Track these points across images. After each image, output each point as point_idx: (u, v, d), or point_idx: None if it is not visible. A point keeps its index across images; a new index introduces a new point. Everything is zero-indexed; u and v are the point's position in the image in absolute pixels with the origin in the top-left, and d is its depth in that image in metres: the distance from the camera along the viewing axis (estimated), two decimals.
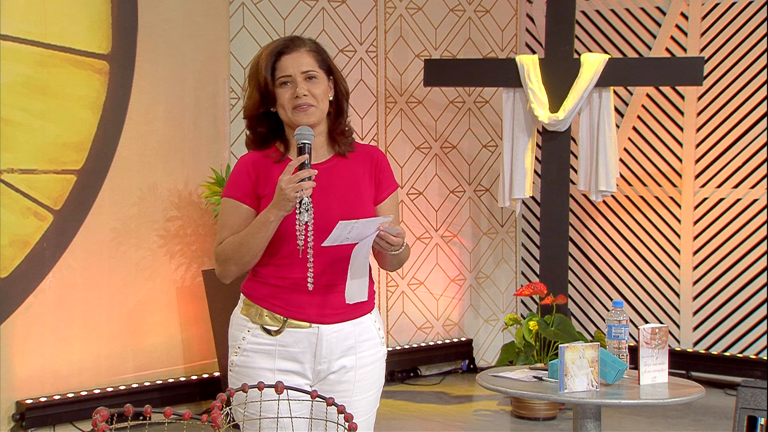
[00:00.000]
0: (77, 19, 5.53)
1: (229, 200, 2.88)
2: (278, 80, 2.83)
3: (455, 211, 7.23)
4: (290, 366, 2.84)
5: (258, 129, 2.89)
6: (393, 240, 2.77)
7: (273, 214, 2.75)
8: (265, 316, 2.85)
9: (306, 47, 2.86)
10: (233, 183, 2.89)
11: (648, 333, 3.65)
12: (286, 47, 2.84)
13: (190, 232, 5.99)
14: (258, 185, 2.85)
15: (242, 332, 2.88)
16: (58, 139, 5.48)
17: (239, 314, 2.91)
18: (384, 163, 2.97)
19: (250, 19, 6.30)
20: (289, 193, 2.69)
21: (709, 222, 6.81)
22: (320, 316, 2.84)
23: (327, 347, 2.84)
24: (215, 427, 2.10)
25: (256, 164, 2.88)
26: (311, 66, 2.84)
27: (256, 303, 2.87)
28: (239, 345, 2.87)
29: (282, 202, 2.72)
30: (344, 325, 2.86)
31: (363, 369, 2.89)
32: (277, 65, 2.84)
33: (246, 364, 2.86)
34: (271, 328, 2.84)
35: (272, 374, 2.82)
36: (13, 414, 5.31)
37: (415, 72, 6.95)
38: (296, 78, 2.82)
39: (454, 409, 6.26)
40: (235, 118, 6.21)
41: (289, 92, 2.83)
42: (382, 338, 2.95)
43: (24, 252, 5.36)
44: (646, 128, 6.99)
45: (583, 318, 7.21)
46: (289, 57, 2.83)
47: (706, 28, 6.79)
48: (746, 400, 4.12)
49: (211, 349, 5.94)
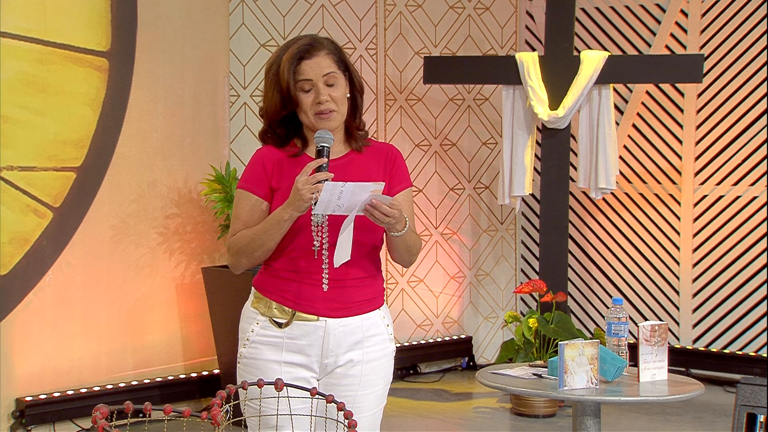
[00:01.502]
0: (77, 16, 5.53)
1: (244, 192, 2.92)
2: (299, 84, 2.85)
3: (455, 209, 7.23)
4: (297, 359, 2.87)
5: (278, 130, 2.93)
6: (386, 210, 2.75)
7: (287, 213, 2.78)
8: (274, 308, 2.88)
9: (325, 50, 2.88)
10: (248, 175, 2.93)
11: (647, 330, 3.65)
12: (307, 52, 2.86)
13: (189, 229, 5.99)
14: (273, 178, 2.89)
15: (251, 324, 2.91)
16: (58, 137, 5.48)
17: (249, 307, 2.94)
18: (399, 160, 2.99)
19: (250, 17, 6.30)
20: (304, 194, 2.72)
21: (708, 219, 6.81)
22: (329, 309, 2.86)
23: (334, 341, 2.87)
24: (215, 425, 2.10)
25: (272, 158, 2.92)
26: (331, 69, 2.86)
27: (266, 296, 2.90)
28: (248, 337, 2.91)
29: (297, 202, 2.75)
30: (352, 319, 2.89)
31: (370, 364, 2.91)
32: (297, 69, 2.85)
33: (254, 356, 2.89)
34: (279, 321, 2.87)
35: (279, 366, 2.85)
36: (12, 411, 5.31)
37: (414, 69, 6.94)
38: (317, 83, 2.85)
39: (454, 407, 6.27)
40: (234, 116, 6.21)
41: (310, 97, 2.86)
42: (390, 335, 2.97)
43: (24, 249, 5.36)
44: (646, 125, 6.98)
45: (583, 315, 7.21)
46: (310, 62, 2.85)
47: (705, 25, 6.78)
48: (746, 397, 4.13)
49: (210, 347, 5.94)
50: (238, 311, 2.99)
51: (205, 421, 2.12)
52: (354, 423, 2.29)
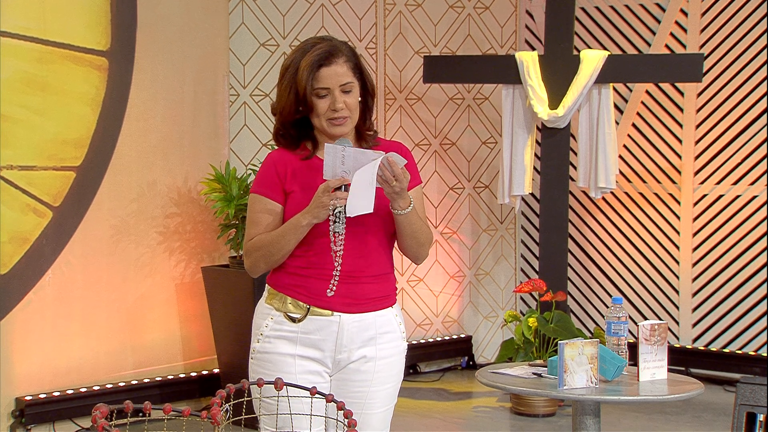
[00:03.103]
0: (76, 15, 5.53)
1: (257, 196, 2.96)
2: (315, 91, 2.88)
3: (455, 208, 7.23)
4: (311, 353, 2.90)
5: (290, 131, 2.95)
6: (397, 172, 2.78)
7: (306, 219, 2.83)
8: (289, 303, 2.91)
9: (344, 57, 2.90)
10: (261, 179, 2.96)
11: (647, 330, 3.65)
12: (326, 59, 2.88)
13: (189, 228, 5.99)
14: (286, 182, 2.92)
15: (265, 320, 2.94)
16: (58, 136, 5.48)
17: (264, 303, 2.97)
18: (408, 158, 2.99)
19: (249, 16, 6.29)
20: (325, 201, 2.78)
21: (708, 219, 6.81)
22: (343, 305, 2.89)
23: (348, 336, 2.90)
24: (215, 424, 2.10)
25: (284, 161, 2.95)
26: (348, 77, 2.89)
27: (281, 291, 2.93)
28: (261, 332, 2.93)
29: (317, 209, 2.81)
30: (366, 315, 2.92)
31: (382, 361, 2.94)
32: (316, 76, 2.87)
33: (267, 350, 2.92)
34: (294, 315, 2.90)
35: (293, 359, 2.89)
36: (12, 410, 5.31)
37: (414, 69, 6.94)
38: (334, 91, 2.88)
39: (454, 406, 6.27)
40: (234, 115, 6.21)
41: (326, 103, 2.88)
42: (402, 333, 3.01)
43: (23, 249, 5.36)
44: (646, 125, 6.98)
45: (583, 315, 7.21)
46: (328, 70, 2.87)
47: (705, 24, 6.78)
48: (745, 396, 4.13)
49: (210, 346, 5.94)
50: (238, 310, 3.01)
51: (204, 420, 2.12)
52: (354, 423, 2.29)
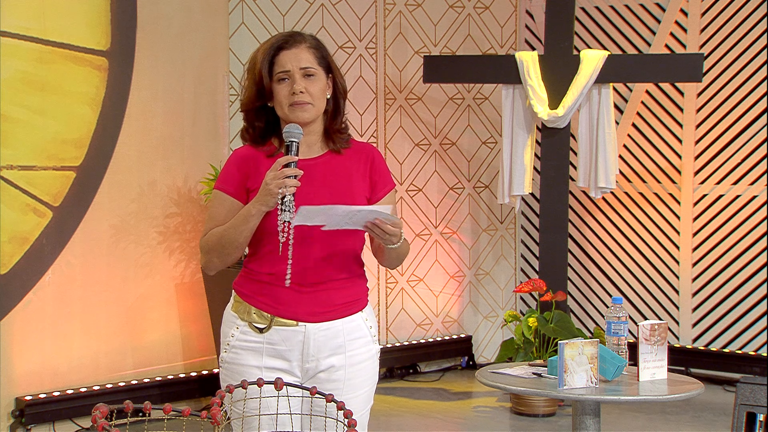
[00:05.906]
0: (76, 15, 5.53)
1: (218, 193, 2.88)
2: (276, 76, 2.81)
3: (454, 208, 7.23)
4: (278, 364, 2.82)
5: (256, 124, 2.87)
6: (389, 229, 2.73)
7: (255, 208, 2.74)
8: (253, 313, 2.83)
9: (306, 43, 2.83)
10: (224, 176, 2.89)
11: (647, 329, 3.65)
12: (286, 42, 2.82)
13: (189, 228, 5.99)
14: (248, 179, 2.84)
15: (231, 329, 2.87)
16: (58, 136, 5.48)
17: (230, 311, 2.90)
18: (380, 162, 2.93)
19: (249, 16, 6.29)
20: (272, 189, 2.69)
21: (708, 219, 6.81)
22: (309, 314, 2.81)
23: (315, 346, 2.82)
24: (215, 424, 2.10)
25: (248, 158, 2.87)
26: (310, 63, 2.81)
27: (245, 300, 2.85)
28: (228, 342, 2.86)
29: (265, 197, 2.72)
30: (333, 323, 2.83)
31: (353, 367, 2.86)
32: (275, 60, 2.81)
33: (234, 361, 2.84)
34: (259, 326, 2.82)
35: (260, 371, 2.80)
36: (12, 410, 5.31)
37: (414, 68, 6.94)
38: (294, 74, 2.80)
39: (454, 406, 6.27)
40: (234, 115, 6.21)
41: (286, 88, 2.80)
42: (373, 336, 2.91)
43: (23, 248, 5.36)
44: (646, 125, 6.98)
45: (583, 315, 7.21)
46: (288, 53, 2.80)
47: (705, 24, 6.78)
48: (745, 396, 4.13)
49: (210, 346, 5.94)
50: None
51: (204, 420, 2.12)
52: (354, 422, 2.29)
